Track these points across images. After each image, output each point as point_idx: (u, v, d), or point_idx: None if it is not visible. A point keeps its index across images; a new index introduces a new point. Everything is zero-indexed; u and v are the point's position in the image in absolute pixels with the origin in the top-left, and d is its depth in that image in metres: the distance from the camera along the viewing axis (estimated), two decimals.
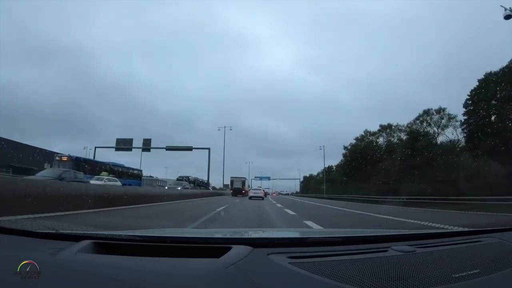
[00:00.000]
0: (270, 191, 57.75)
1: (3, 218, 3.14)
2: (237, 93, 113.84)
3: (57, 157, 21.36)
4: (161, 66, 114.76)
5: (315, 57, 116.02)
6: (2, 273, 0.72)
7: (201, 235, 1.35)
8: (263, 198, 21.80)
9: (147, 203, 8.68)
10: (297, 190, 74.57)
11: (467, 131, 23.63)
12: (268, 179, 62.63)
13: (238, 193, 29.82)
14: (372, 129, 36.54)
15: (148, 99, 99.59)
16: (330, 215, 8.53)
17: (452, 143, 25.69)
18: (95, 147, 35.53)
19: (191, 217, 5.91)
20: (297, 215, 7.36)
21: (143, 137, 36.70)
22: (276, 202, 14.96)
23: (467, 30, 72.17)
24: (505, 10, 14.41)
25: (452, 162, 19.45)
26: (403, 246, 1.04)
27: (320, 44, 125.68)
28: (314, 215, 7.41)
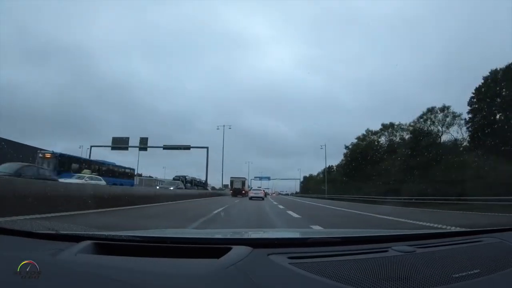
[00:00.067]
0: (270, 191, 57.74)
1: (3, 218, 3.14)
2: (237, 93, 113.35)
3: (40, 153, 20.15)
4: (161, 66, 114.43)
5: (315, 57, 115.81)
6: (2, 273, 0.72)
7: (201, 235, 1.35)
8: (263, 198, 22.46)
9: (129, 205, 7.51)
10: (296, 190, 74.69)
11: (472, 130, 23.33)
12: (268, 179, 62.50)
13: (238, 193, 29.79)
14: (373, 129, 36.27)
15: (148, 99, 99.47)
16: (337, 217, 7.79)
17: (455, 142, 25.37)
18: (91, 146, 34.77)
19: (179, 223, 5.01)
20: (301, 218, 6.79)
21: (143, 137, 36.13)
22: (277, 203, 14.82)
23: (467, 30, 72.09)
24: None
25: (455, 161, 19.21)
26: (403, 246, 1.03)
27: (320, 44, 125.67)
28: (319, 218, 6.83)
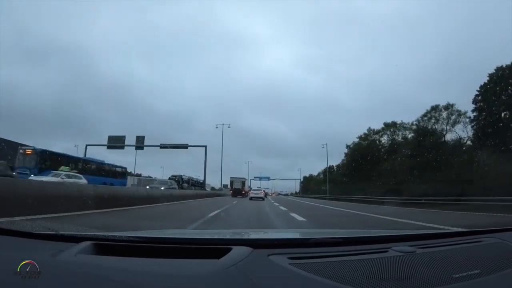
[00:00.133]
0: (269, 192, 57.73)
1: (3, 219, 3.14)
2: (236, 93, 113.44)
3: (21, 149, 19.21)
4: (160, 66, 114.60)
5: (315, 57, 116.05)
6: (2, 273, 0.72)
7: (201, 236, 1.36)
8: (263, 198, 23.00)
9: (112, 207, 6.52)
10: (296, 190, 74.69)
11: (476, 128, 22.97)
12: (267, 179, 62.34)
13: (238, 193, 29.87)
14: (375, 128, 35.55)
15: (147, 99, 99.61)
16: (356, 222, 6.65)
17: (460, 141, 24.90)
18: (86, 145, 33.83)
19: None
20: (307, 221, 6.04)
21: (139, 135, 34.30)
22: (278, 204, 14.65)
23: (466, 30, 72.17)
24: None
25: (460, 161, 18.97)
26: (404, 246, 1.03)
27: (320, 44, 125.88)
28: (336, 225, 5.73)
